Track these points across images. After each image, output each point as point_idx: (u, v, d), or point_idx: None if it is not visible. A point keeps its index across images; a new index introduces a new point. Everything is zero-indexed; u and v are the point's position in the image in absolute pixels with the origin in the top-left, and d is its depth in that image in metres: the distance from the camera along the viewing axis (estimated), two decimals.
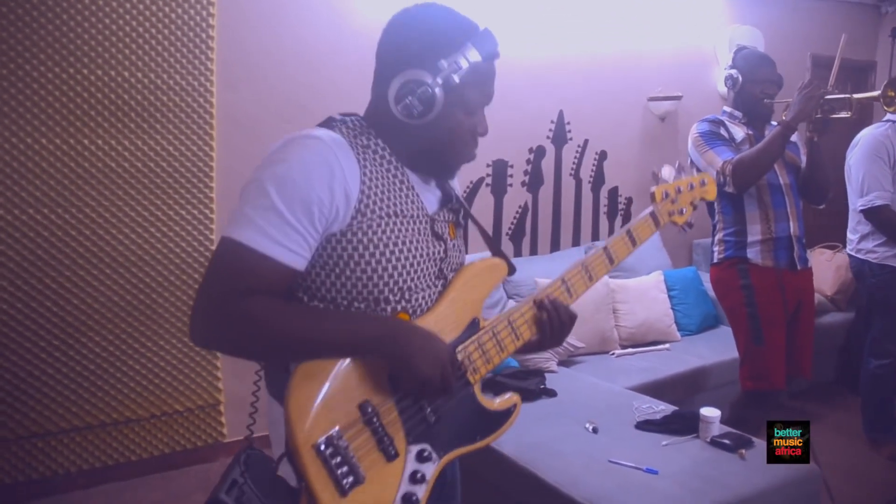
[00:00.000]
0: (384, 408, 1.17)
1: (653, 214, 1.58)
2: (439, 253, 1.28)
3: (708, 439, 2.43)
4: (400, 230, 1.20)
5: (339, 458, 1.10)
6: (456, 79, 1.17)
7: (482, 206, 3.90)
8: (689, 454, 2.37)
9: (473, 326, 1.30)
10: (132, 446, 3.11)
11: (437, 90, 1.16)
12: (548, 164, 4.11)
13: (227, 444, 3.30)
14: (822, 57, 5.20)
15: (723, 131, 2.74)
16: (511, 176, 3.96)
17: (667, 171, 1.66)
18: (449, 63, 1.17)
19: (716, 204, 2.81)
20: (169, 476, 3.17)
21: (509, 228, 4.01)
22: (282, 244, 1.10)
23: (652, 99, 4.53)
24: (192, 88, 3.04)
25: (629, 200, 4.46)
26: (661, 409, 2.71)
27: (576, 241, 4.24)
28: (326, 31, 3.36)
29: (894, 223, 3.20)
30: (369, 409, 1.14)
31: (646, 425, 2.57)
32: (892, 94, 2.72)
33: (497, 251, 1.41)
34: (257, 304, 1.08)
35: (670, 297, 3.88)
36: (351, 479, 1.10)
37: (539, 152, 4.06)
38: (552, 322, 1.35)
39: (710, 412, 2.46)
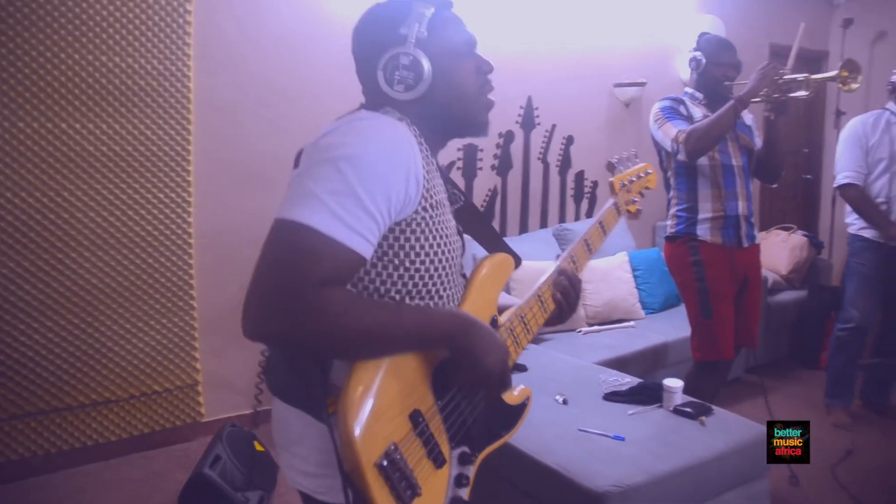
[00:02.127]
0: (430, 414, 1.15)
1: (616, 205, 1.67)
2: (461, 247, 1.29)
3: (671, 408, 2.56)
4: (446, 221, 1.20)
5: (398, 474, 1.04)
6: (424, 33, 1.17)
7: None
8: (654, 422, 2.50)
9: (493, 325, 1.30)
10: (112, 427, 3.16)
11: (413, 51, 1.16)
12: (517, 149, 4.21)
13: (205, 423, 3.37)
14: (781, 46, 5.38)
15: (682, 109, 2.89)
16: (481, 160, 4.06)
17: (619, 160, 1.77)
18: (408, 27, 1.17)
19: (671, 180, 2.96)
20: (149, 455, 3.22)
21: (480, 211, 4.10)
22: (358, 232, 1.02)
23: (617, 85, 4.66)
24: (170, 73, 3.08)
25: (595, 184, 4.59)
26: (627, 381, 2.83)
27: (543, 224, 4.36)
28: (306, 15, 3.41)
29: (859, 200, 3.44)
30: (420, 419, 1.11)
31: (613, 396, 2.69)
32: (847, 74, 2.87)
33: (501, 246, 1.43)
34: (335, 296, 1.00)
35: (635, 277, 4.02)
36: (409, 492, 1.06)
37: (508, 137, 4.16)
38: (570, 294, 1.43)
39: (673, 383, 2.59)
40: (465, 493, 1.18)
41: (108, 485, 2.98)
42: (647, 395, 2.66)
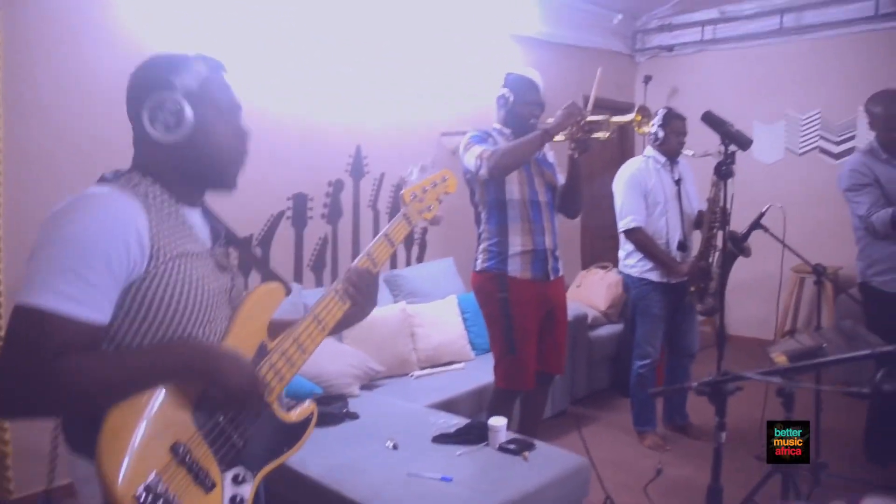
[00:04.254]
0: (194, 444, 1.23)
1: (405, 216, 1.71)
2: (226, 283, 1.38)
3: (496, 446, 2.68)
4: (190, 269, 1.27)
5: (161, 501, 1.13)
6: (195, 86, 1.30)
7: (283, 239, 3.98)
8: (480, 461, 2.61)
9: (262, 350, 1.39)
10: None
11: (179, 98, 1.27)
12: (347, 197, 4.27)
13: (14, 501, 3.09)
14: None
15: (490, 140, 3.05)
16: (311, 209, 4.08)
17: (413, 173, 1.85)
18: (180, 76, 1.29)
19: (482, 215, 3.12)
20: None
21: (310, 260, 4.11)
22: (82, 303, 1.13)
23: (444, 134, 4.86)
24: None
25: (424, 230, 4.73)
26: (455, 422, 2.94)
27: None
28: (121, 60, 3.30)
29: (646, 243, 3.74)
30: (181, 449, 1.20)
31: (441, 438, 2.78)
32: (640, 118, 3.17)
33: (270, 274, 1.52)
34: (67, 364, 1.10)
35: (464, 320, 4.16)
36: None
37: (338, 185, 4.21)
38: (360, 285, 1.53)
39: (497, 421, 2.72)
40: None
41: None
42: (474, 434, 2.77)
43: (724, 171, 2.88)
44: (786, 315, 5.59)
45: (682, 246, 3.79)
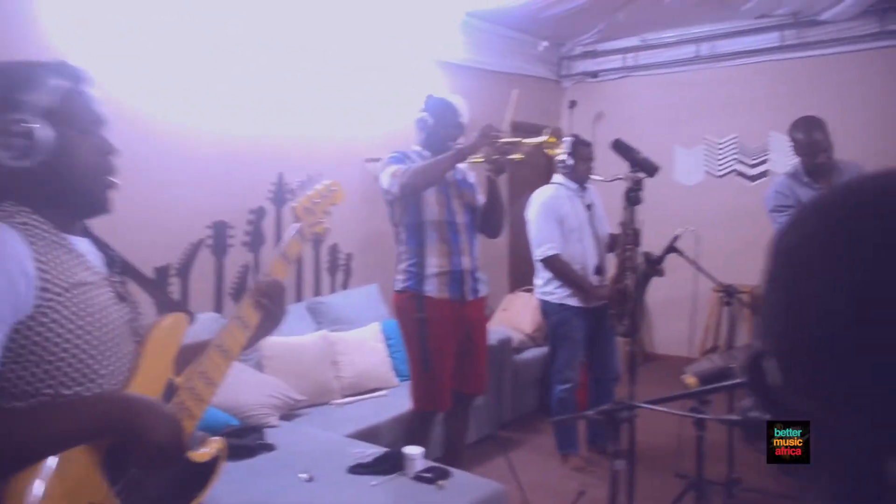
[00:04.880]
0: (108, 501, 1.15)
1: (300, 232, 1.69)
2: (127, 314, 1.30)
3: (412, 475, 2.68)
4: (89, 299, 1.19)
5: None
6: (50, 101, 1.17)
7: (203, 267, 3.91)
8: (395, 491, 2.59)
9: (170, 389, 1.33)
10: None
11: (29, 119, 1.14)
12: (269, 225, 4.23)
13: None
14: (519, 123, 5.93)
15: (407, 161, 3.09)
16: (232, 237, 4.02)
17: (301, 184, 1.83)
18: (30, 94, 1.16)
19: (401, 235, 3.14)
20: None
21: (231, 288, 4.05)
22: None
23: (369, 160, 4.86)
24: None
25: (349, 256, 4.72)
26: (373, 452, 2.91)
27: (298, 297, 4.39)
28: None
29: (564, 269, 3.79)
30: None
31: (358, 469, 2.75)
32: (553, 140, 3.24)
33: (171, 303, 1.47)
34: None
35: (388, 346, 4.14)
36: None
37: (260, 213, 4.17)
38: (273, 297, 1.50)
39: (412, 450, 2.71)
40: None
41: None
42: (390, 464, 2.75)
43: (631, 197, 2.95)
44: (706, 333, 5.74)
45: (599, 270, 3.87)
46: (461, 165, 3.24)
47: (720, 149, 6.08)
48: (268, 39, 4.21)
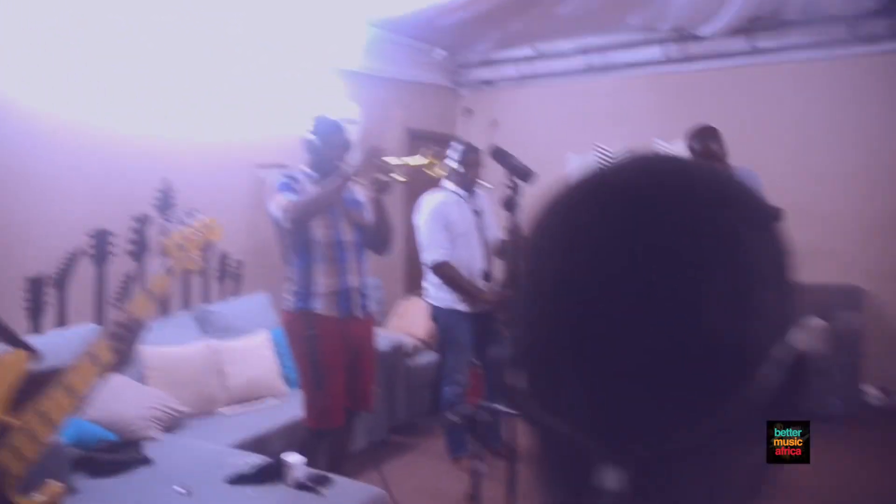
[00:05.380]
0: None
1: (169, 269, 1.68)
2: None
3: (293, 484, 2.67)
4: None
5: None
6: None
7: (84, 277, 3.77)
8: (274, 499, 2.59)
9: (1, 429, 1.28)
10: None
11: None
12: (154, 233, 4.12)
13: None
14: (416, 130, 6.01)
15: (296, 185, 3.11)
16: (114, 245, 3.90)
17: (172, 218, 1.81)
18: None
19: (289, 254, 3.15)
20: None
21: (114, 298, 3.92)
22: None
23: (260, 166, 4.80)
24: None
25: (239, 263, 4.65)
26: (255, 461, 2.89)
27: (186, 305, 4.29)
28: None
29: (452, 275, 3.86)
30: None
31: (238, 479, 2.72)
32: (434, 161, 3.31)
33: (13, 340, 1.43)
34: None
35: (278, 355, 4.09)
36: None
37: (144, 220, 4.05)
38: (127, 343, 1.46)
39: (292, 458, 2.71)
40: None
41: None
42: (270, 473, 2.74)
43: (508, 202, 3.04)
44: None
45: (487, 275, 3.95)
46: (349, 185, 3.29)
47: (611, 157, 6.29)
48: (158, 31, 4.08)
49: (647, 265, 0.43)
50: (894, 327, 5.24)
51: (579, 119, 6.36)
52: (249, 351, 3.98)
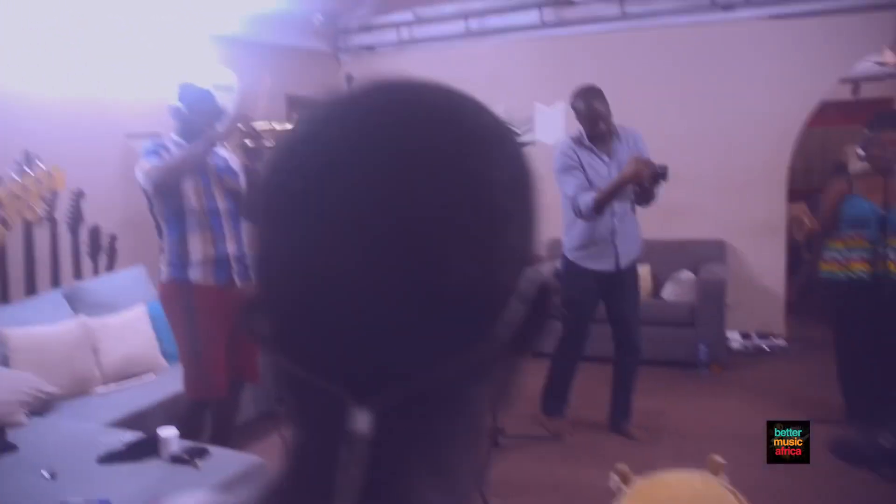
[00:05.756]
0: None
1: (3, 219, 1.60)
2: None
3: (167, 458, 2.65)
4: None
5: None
6: None
7: None
8: (149, 475, 2.56)
9: None
10: None
11: None
12: None
13: None
14: (296, 96, 5.91)
15: (163, 152, 3.04)
16: None
17: (14, 168, 1.71)
18: None
19: (162, 226, 3.08)
20: None
21: None
22: None
23: (130, 136, 4.62)
24: None
25: (113, 237, 4.48)
26: (128, 438, 2.84)
27: (55, 283, 4.12)
28: None
29: None
30: None
31: (109, 458, 2.67)
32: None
33: None
34: None
35: (156, 329, 3.99)
36: None
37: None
38: None
39: (166, 431, 2.68)
40: None
41: None
42: (144, 449, 2.71)
43: None
44: None
45: None
46: (223, 152, 3.22)
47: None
48: None
49: (385, 206, 0.41)
50: (752, 276, 5.66)
51: (459, 84, 6.27)
52: (125, 327, 3.87)
